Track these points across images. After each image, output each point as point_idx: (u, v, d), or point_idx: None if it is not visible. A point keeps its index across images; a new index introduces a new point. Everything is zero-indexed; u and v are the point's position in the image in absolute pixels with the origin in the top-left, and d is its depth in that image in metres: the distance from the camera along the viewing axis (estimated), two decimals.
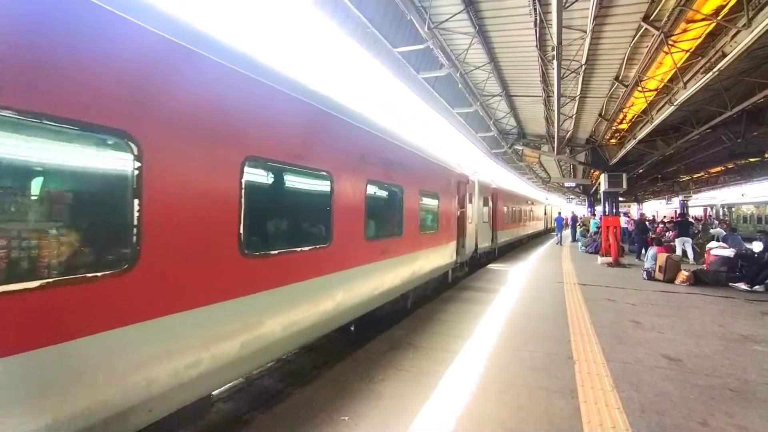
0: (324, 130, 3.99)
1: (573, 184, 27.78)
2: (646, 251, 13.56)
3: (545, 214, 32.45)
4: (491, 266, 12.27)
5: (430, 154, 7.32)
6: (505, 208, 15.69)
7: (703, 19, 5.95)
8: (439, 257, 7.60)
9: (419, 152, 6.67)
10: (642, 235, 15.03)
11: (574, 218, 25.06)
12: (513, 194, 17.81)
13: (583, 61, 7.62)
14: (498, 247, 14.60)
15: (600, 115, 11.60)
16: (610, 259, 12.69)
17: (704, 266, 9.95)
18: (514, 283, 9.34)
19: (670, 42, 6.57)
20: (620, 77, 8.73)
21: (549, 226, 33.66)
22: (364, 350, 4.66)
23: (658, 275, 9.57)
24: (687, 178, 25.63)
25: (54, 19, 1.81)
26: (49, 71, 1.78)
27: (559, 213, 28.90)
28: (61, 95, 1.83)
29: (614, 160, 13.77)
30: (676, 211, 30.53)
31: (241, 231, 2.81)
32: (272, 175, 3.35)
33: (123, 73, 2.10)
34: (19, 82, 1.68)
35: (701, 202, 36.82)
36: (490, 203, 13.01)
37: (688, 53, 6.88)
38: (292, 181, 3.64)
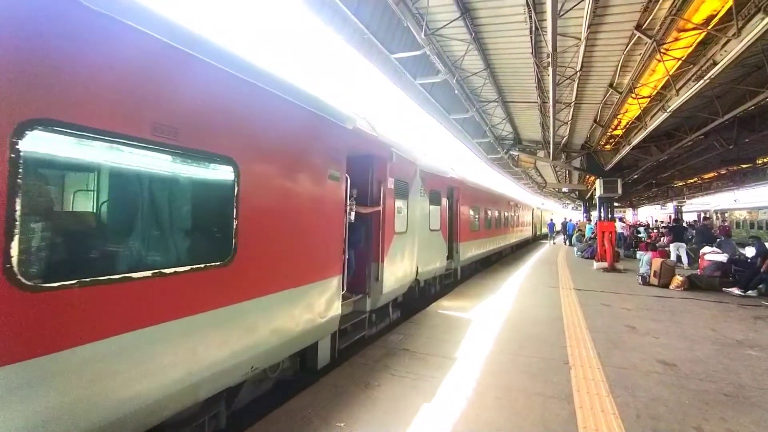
0: None
1: (568, 190, 28.08)
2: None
3: (533, 218, 27.41)
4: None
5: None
6: (474, 211, 11.40)
7: (694, 28, 6.07)
8: (217, 341, 2.77)
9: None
10: (708, 243, 11.73)
11: (564, 224, 26.47)
12: (486, 192, 13.00)
13: (578, 68, 7.73)
14: (462, 266, 10.27)
15: (595, 121, 11.74)
16: (605, 264, 12.75)
17: (698, 271, 10.03)
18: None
19: (662, 50, 6.68)
20: (614, 84, 8.86)
21: (538, 233, 30.10)
22: (360, 355, 4.63)
23: (653, 280, 9.63)
24: (681, 184, 25.94)
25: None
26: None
27: (551, 219, 32.32)
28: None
29: (609, 166, 13.92)
30: (670, 216, 30.82)
31: None
32: None
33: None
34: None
35: (695, 208, 37.19)
36: (444, 202, 8.69)
37: (680, 61, 7.00)
38: None
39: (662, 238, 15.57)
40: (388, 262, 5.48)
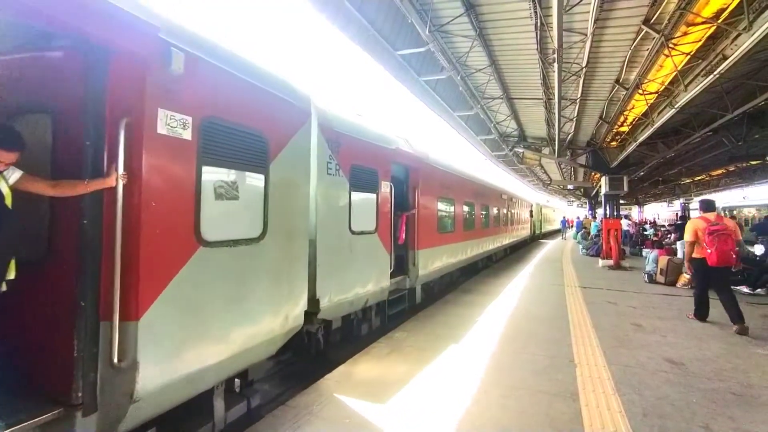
0: None
1: (573, 187, 27.97)
2: None
3: (531, 216, 24.01)
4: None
5: None
6: (446, 205, 8.56)
7: (703, 22, 5.96)
8: None
9: None
10: None
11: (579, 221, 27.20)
12: (464, 179, 10.01)
13: (584, 64, 7.64)
14: (425, 283, 7.55)
15: (601, 117, 11.61)
16: (611, 262, 12.66)
17: None
18: None
19: (670, 45, 6.58)
20: (621, 80, 8.75)
21: (537, 232, 27.61)
22: (365, 353, 4.64)
23: (660, 278, 9.54)
24: (688, 181, 25.62)
25: None
26: None
27: (564, 217, 35.66)
28: None
29: (615, 163, 13.77)
30: (677, 214, 30.55)
31: None
32: None
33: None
34: None
35: None
36: (387, 188, 5.78)
37: (689, 56, 6.89)
38: None
39: (669, 236, 15.42)
40: (162, 318, 2.37)
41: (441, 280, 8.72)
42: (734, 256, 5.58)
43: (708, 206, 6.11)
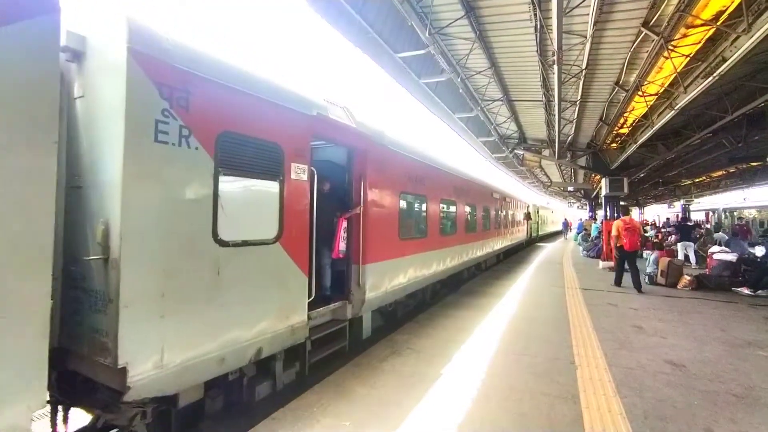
0: None
1: (573, 189, 27.99)
2: None
3: (528, 218, 21.97)
4: None
5: None
6: (412, 201, 6.77)
7: (702, 25, 5.99)
8: None
9: None
10: None
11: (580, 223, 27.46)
12: (439, 169, 7.87)
13: (584, 66, 7.67)
14: (384, 307, 5.89)
15: (601, 119, 11.64)
16: (611, 264, 12.63)
17: (706, 271, 9.91)
18: None
19: (670, 47, 6.60)
20: (621, 82, 8.77)
21: (534, 235, 25.58)
22: (365, 355, 4.64)
23: (660, 279, 9.53)
24: (688, 183, 25.65)
25: None
26: None
27: (565, 218, 37.13)
28: None
29: (615, 165, 13.80)
30: (677, 216, 30.56)
31: None
32: None
33: None
34: None
35: (703, 207, 36.82)
36: (292, 174, 3.75)
37: (688, 58, 6.91)
38: None
39: (669, 237, 15.41)
40: None
41: (409, 300, 6.90)
42: (638, 243, 9.01)
43: (626, 212, 10.14)
